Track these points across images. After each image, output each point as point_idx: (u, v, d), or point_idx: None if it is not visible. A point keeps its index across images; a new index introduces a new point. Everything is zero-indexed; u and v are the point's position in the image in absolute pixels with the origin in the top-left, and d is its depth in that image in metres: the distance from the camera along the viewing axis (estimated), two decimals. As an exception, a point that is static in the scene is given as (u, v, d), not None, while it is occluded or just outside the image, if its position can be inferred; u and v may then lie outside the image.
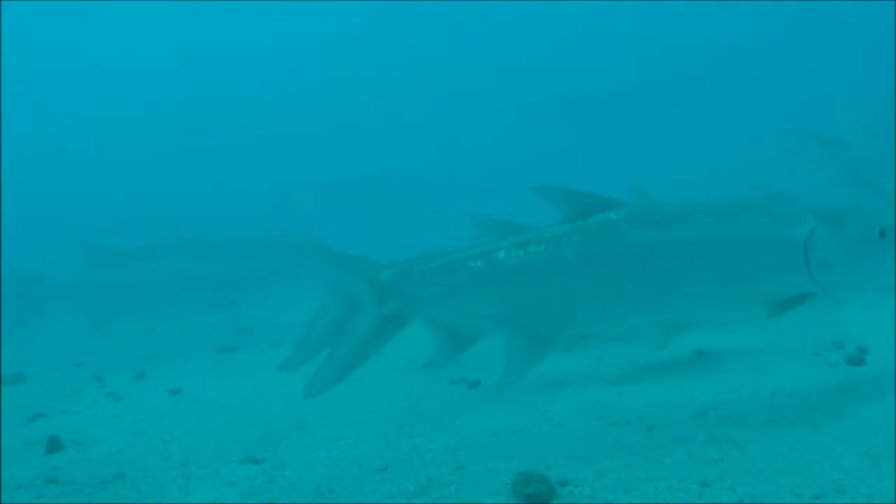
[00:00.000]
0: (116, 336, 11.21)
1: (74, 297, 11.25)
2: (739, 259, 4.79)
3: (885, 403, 4.76)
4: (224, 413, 6.16)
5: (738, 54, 33.37)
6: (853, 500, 3.58)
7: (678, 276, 4.80)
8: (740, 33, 34.90)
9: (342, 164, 27.58)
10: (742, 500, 3.69)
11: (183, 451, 5.20)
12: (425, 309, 4.95)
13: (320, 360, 4.88)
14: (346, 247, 5.20)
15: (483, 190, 22.26)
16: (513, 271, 4.82)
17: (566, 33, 37.33)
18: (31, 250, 17.13)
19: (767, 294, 4.86)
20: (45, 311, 10.95)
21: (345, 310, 5.02)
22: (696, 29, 34.94)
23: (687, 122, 28.36)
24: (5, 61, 38.40)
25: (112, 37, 42.73)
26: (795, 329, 7.02)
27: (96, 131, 36.14)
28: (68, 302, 11.23)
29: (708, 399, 5.29)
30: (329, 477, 4.49)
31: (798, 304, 4.83)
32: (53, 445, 5.33)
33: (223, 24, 43.76)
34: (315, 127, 36.70)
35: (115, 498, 4.41)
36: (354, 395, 6.38)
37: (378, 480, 4.38)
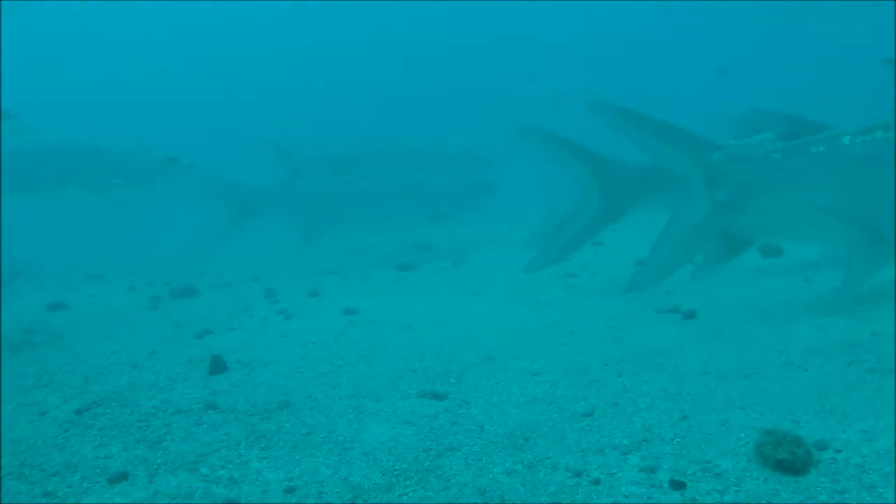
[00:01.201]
0: (296, 250, 10.83)
1: (281, 208, 10.94)
2: None
3: None
4: (402, 337, 5.50)
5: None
6: None
7: None
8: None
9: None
10: None
11: (356, 378, 4.58)
12: (761, 198, 4.48)
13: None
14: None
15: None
16: (859, 159, 4.29)
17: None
18: (235, 162, 17.09)
19: None
20: (246, 222, 10.65)
21: (614, 200, 4.45)
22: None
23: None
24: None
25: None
26: None
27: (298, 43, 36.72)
28: (274, 213, 10.93)
29: None
30: (524, 421, 3.75)
31: None
32: (217, 366, 4.84)
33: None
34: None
35: (277, 431, 3.83)
36: (546, 322, 5.64)
37: (583, 428, 3.62)
